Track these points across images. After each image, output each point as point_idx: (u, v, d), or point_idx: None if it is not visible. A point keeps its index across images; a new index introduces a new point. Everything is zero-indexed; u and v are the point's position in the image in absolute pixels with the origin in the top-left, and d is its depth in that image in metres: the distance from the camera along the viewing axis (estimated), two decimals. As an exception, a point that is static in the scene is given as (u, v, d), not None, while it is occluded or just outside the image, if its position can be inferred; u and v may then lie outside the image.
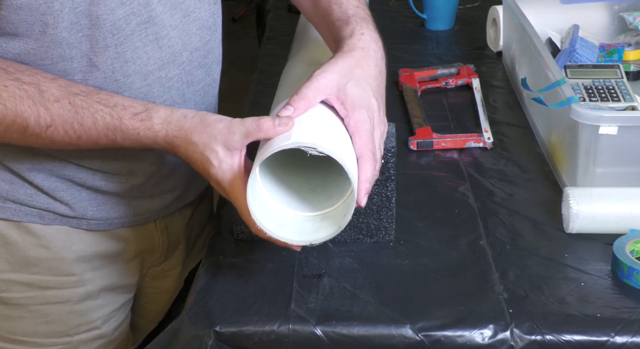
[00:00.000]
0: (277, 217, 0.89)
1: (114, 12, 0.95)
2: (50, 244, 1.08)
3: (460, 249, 1.05)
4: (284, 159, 0.91)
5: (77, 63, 0.96)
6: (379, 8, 1.86)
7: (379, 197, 1.03)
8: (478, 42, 1.73)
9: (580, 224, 1.05)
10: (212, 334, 0.92)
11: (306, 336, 0.92)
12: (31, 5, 0.90)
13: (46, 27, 0.91)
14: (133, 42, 0.98)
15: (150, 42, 0.99)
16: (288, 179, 0.95)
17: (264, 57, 1.65)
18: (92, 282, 1.14)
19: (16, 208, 1.06)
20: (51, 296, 1.11)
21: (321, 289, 0.97)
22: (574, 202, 1.05)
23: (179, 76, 1.04)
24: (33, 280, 1.10)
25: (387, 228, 1.05)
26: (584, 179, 1.11)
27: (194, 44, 1.05)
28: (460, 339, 0.91)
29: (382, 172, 1.01)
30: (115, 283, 1.17)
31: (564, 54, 1.43)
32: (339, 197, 0.89)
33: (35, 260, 1.08)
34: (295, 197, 0.93)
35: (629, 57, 1.46)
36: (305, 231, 0.89)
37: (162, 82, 1.02)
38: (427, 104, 1.43)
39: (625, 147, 1.10)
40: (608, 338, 0.90)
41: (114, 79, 0.98)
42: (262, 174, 0.89)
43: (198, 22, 1.05)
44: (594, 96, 1.29)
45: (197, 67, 1.06)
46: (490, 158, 1.27)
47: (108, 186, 1.07)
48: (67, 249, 1.10)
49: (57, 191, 1.05)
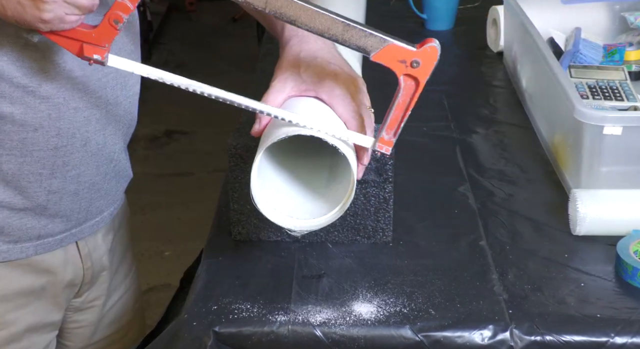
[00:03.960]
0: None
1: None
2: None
3: (460, 250, 1.04)
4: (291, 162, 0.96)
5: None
6: (379, 8, 1.86)
7: (376, 199, 1.03)
8: (478, 42, 1.73)
9: (587, 227, 1.05)
10: (212, 334, 0.91)
11: (306, 336, 0.91)
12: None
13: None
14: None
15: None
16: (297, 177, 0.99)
17: (264, 57, 1.65)
18: (16, 323, 1.08)
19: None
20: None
21: (321, 289, 0.97)
22: (581, 204, 1.05)
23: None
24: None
25: (384, 230, 1.05)
26: (588, 179, 1.11)
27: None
28: (459, 340, 0.91)
29: (379, 174, 1.01)
30: (41, 321, 1.11)
31: (567, 55, 1.43)
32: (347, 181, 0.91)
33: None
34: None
35: (631, 57, 1.46)
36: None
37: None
38: (427, 105, 1.43)
39: (629, 148, 1.10)
40: (608, 339, 0.90)
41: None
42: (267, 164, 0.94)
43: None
44: (598, 94, 1.29)
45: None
46: (490, 158, 1.27)
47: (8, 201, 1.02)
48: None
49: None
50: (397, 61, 0.86)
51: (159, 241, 2.73)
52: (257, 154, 0.89)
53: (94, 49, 0.86)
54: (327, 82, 0.95)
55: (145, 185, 2.96)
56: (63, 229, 1.08)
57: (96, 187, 1.09)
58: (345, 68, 0.98)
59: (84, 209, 1.09)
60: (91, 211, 1.11)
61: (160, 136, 3.49)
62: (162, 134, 3.50)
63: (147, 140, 3.43)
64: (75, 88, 1.00)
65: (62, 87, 0.98)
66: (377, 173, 1.01)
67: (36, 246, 1.06)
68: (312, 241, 1.05)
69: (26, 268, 1.07)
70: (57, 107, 0.99)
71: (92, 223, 1.12)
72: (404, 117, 0.89)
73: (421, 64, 0.86)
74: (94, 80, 1.01)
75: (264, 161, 0.92)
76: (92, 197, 1.09)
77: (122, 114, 1.09)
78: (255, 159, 0.89)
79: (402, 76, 0.87)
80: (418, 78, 0.87)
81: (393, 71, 0.87)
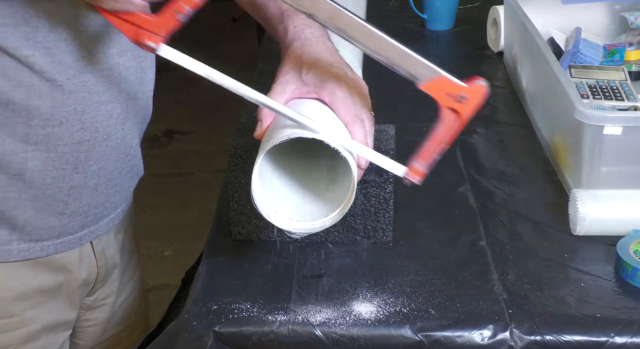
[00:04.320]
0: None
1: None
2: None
3: (460, 250, 1.04)
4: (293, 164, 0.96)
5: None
6: (379, 8, 1.86)
7: (376, 199, 1.03)
8: (478, 42, 1.73)
9: (587, 227, 1.05)
10: (212, 334, 0.91)
11: (306, 336, 0.91)
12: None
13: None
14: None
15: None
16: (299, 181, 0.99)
17: (264, 57, 1.65)
18: (35, 321, 1.08)
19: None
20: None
21: (320, 289, 0.97)
22: (581, 204, 1.05)
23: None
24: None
25: (384, 230, 1.05)
26: (588, 179, 1.11)
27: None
28: (459, 340, 0.91)
29: (380, 175, 1.01)
30: (57, 319, 1.11)
31: (567, 55, 1.43)
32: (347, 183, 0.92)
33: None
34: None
35: (631, 57, 1.46)
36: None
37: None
38: (427, 104, 1.42)
39: (629, 148, 1.10)
40: (608, 339, 0.90)
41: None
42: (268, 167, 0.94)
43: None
44: (598, 94, 1.30)
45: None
46: (490, 158, 1.27)
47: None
48: (4, 288, 1.04)
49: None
50: (445, 94, 0.88)
51: (159, 241, 2.73)
52: (258, 155, 0.89)
53: (150, 36, 0.86)
54: (329, 84, 0.95)
55: (145, 185, 2.95)
56: (82, 226, 1.08)
57: (113, 182, 1.10)
58: (347, 71, 0.98)
59: (101, 204, 1.09)
60: (107, 206, 1.11)
61: (160, 136, 3.49)
62: (162, 134, 3.50)
63: (147, 140, 3.40)
64: (99, 82, 1.00)
65: (87, 81, 0.99)
66: (377, 173, 1.01)
67: (56, 244, 1.06)
68: (312, 241, 1.05)
69: (44, 266, 1.07)
70: (82, 101, 1.00)
71: (108, 220, 1.13)
72: (439, 150, 0.89)
73: (467, 100, 0.87)
74: (116, 74, 1.02)
75: (265, 163, 0.92)
76: (108, 193, 1.10)
77: (140, 109, 1.10)
78: (256, 161, 0.89)
79: (445, 109, 0.88)
80: (461, 113, 0.88)
81: (437, 102, 0.88)
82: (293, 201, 0.96)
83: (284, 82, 0.96)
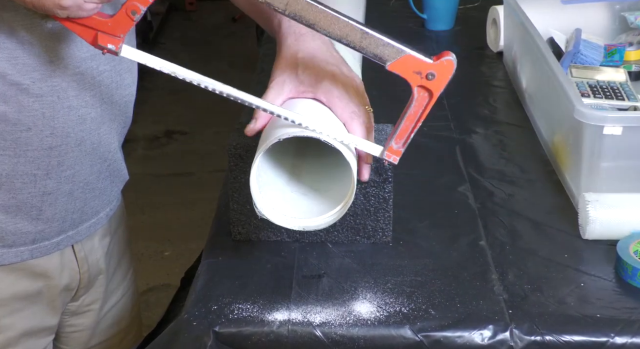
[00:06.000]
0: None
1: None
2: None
3: (460, 250, 1.04)
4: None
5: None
6: (379, 8, 1.86)
7: (376, 199, 1.03)
8: (478, 42, 1.73)
9: (598, 231, 1.05)
10: (212, 334, 0.91)
11: (305, 336, 0.91)
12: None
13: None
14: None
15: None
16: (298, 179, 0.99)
17: (264, 57, 1.65)
18: (12, 327, 1.07)
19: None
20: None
21: (320, 289, 0.97)
22: (592, 208, 1.05)
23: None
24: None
25: (384, 230, 1.05)
26: (588, 179, 1.11)
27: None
28: (459, 340, 0.91)
29: (379, 174, 1.01)
30: (37, 325, 1.10)
31: (568, 55, 1.43)
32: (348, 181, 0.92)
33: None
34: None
35: (630, 57, 1.46)
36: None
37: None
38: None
39: (629, 147, 1.09)
40: (608, 339, 0.90)
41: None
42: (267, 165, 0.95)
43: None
44: (599, 93, 1.30)
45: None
46: (490, 158, 1.27)
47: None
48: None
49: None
50: (413, 72, 0.87)
51: (159, 241, 2.73)
52: (257, 154, 0.89)
53: (109, 38, 0.86)
54: (325, 83, 0.95)
55: (145, 185, 2.96)
56: (59, 232, 1.07)
57: (90, 187, 1.08)
58: (343, 68, 0.98)
59: (78, 209, 1.08)
60: (86, 211, 1.10)
61: (160, 136, 3.49)
62: (162, 134, 3.50)
63: (147, 140, 3.43)
64: (70, 87, 0.99)
65: (56, 85, 0.98)
66: (377, 173, 1.01)
67: (32, 250, 1.05)
68: (312, 241, 1.05)
69: (21, 272, 1.06)
70: (51, 106, 0.99)
71: (89, 225, 1.12)
72: (414, 128, 0.89)
73: (436, 77, 0.87)
74: (89, 78, 1.01)
75: (263, 161, 0.92)
76: (86, 198, 1.09)
77: (117, 113, 1.09)
78: (255, 159, 0.89)
79: (416, 87, 0.87)
80: (432, 90, 0.87)
81: (407, 81, 0.87)
82: (292, 199, 0.96)
83: (281, 82, 0.96)
